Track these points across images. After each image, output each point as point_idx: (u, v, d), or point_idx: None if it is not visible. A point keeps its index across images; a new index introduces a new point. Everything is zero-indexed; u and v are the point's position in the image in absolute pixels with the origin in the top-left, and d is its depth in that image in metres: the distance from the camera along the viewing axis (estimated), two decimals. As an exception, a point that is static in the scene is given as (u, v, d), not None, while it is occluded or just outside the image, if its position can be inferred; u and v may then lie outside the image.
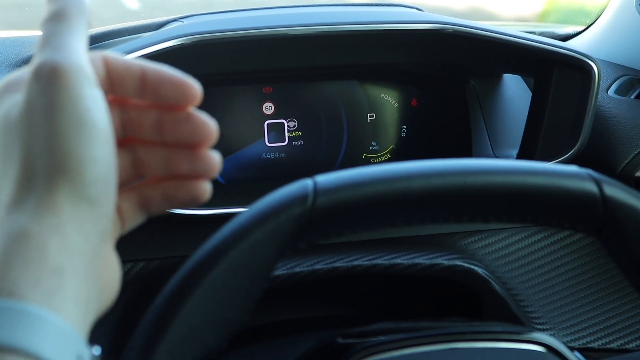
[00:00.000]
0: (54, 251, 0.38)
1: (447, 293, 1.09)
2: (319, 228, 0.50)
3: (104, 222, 0.41)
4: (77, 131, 0.39)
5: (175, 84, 0.46)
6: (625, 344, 1.07)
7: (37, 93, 0.40)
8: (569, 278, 1.05)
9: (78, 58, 0.41)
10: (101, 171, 0.40)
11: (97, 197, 0.40)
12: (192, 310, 0.49)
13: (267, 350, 0.96)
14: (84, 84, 0.40)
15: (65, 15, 0.42)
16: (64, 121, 0.39)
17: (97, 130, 0.40)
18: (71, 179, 0.39)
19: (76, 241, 0.39)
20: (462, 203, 0.52)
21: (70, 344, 0.38)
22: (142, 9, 5.07)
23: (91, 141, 0.40)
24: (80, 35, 0.42)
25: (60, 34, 0.41)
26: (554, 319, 1.05)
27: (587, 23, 1.29)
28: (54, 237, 0.38)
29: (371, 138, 1.12)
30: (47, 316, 0.37)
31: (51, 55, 0.40)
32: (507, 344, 0.57)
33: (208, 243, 0.51)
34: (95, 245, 0.41)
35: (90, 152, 0.40)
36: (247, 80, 1.07)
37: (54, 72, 0.40)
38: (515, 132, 1.07)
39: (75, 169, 0.39)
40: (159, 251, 0.96)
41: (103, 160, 0.40)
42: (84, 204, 0.40)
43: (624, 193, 0.52)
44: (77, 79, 0.40)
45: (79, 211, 0.40)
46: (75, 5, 0.43)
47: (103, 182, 0.41)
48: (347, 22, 0.94)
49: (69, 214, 0.39)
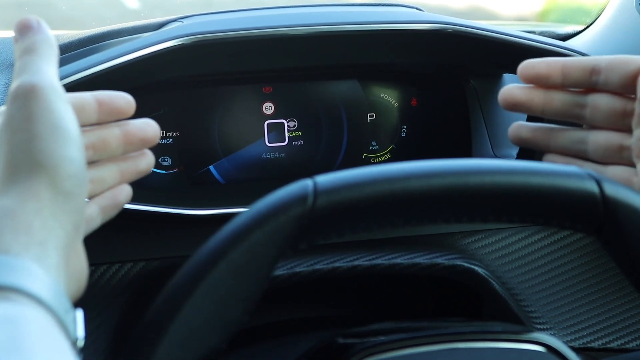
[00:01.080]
0: (37, 228, 0.45)
1: (447, 293, 1.09)
2: (319, 228, 0.50)
3: (77, 214, 0.49)
4: (53, 135, 0.47)
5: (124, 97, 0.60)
6: (625, 343, 1.07)
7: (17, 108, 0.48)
8: (569, 278, 1.05)
9: (51, 79, 0.50)
10: (75, 168, 0.48)
11: (72, 190, 0.48)
12: (192, 310, 0.49)
13: (267, 350, 0.96)
14: (57, 98, 0.49)
15: (36, 48, 0.52)
16: (42, 127, 0.47)
17: (69, 135, 0.48)
18: (49, 174, 0.47)
19: (53, 225, 0.46)
20: (462, 203, 0.52)
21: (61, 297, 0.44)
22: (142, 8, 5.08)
23: (65, 143, 0.48)
24: (51, 62, 0.52)
25: (34, 63, 0.50)
26: (554, 318, 1.05)
27: (587, 22, 1.29)
28: (36, 218, 0.45)
29: (371, 138, 1.12)
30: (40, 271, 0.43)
31: (28, 78, 0.49)
32: (507, 343, 0.57)
33: (208, 243, 0.51)
34: (69, 234, 0.47)
35: (65, 152, 0.48)
36: (247, 80, 1.07)
37: (32, 89, 0.48)
38: (515, 132, 1.07)
39: (53, 165, 0.47)
40: (158, 251, 0.96)
41: (76, 159, 0.48)
42: (61, 195, 0.47)
43: (624, 192, 0.52)
44: (51, 94, 0.49)
45: (56, 201, 0.47)
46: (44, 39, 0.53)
47: (77, 178, 0.48)
48: (347, 22, 0.94)
49: (48, 202, 0.46)
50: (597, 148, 0.64)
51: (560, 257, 1.05)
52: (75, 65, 0.88)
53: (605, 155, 0.64)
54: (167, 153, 1.05)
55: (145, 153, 0.64)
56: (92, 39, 1.06)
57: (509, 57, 1.04)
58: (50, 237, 0.45)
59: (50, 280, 0.43)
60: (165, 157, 1.05)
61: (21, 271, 0.42)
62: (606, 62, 0.62)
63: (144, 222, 0.94)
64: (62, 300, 0.44)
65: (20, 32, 0.53)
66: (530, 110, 0.64)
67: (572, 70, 0.62)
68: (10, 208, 0.45)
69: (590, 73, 0.62)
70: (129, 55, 0.88)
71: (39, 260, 0.44)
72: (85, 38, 1.06)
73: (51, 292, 0.43)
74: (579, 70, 0.62)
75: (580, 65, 0.62)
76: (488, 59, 1.06)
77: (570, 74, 0.63)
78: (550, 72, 0.63)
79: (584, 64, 0.62)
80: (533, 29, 1.24)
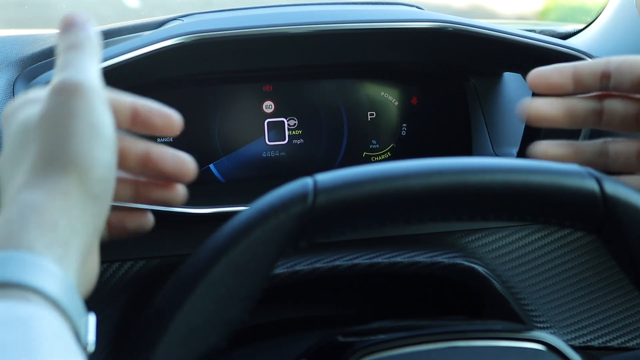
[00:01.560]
0: (63, 227, 0.44)
1: (447, 291, 1.09)
2: (319, 226, 0.50)
3: (100, 219, 0.48)
4: (90, 136, 0.47)
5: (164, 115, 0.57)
6: (626, 342, 1.07)
7: (57, 103, 0.47)
8: (570, 276, 1.05)
9: (94, 79, 0.50)
10: (106, 172, 0.48)
11: (100, 193, 0.47)
12: (192, 309, 0.49)
13: (267, 349, 0.96)
14: (98, 100, 0.49)
15: (81, 45, 0.51)
16: (80, 126, 0.47)
17: (106, 138, 0.48)
18: (82, 174, 0.46)
19: (78, 226, 0.46)
20: (462, 201, 0.52)
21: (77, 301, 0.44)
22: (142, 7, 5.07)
23: (101, 146, 0.47)
24: (95, 61, 0.52)
25: (78, 60, 0.50)
26: (555, 317, 1.05)
27: (587, 21, 1.29)
28: (63, 217, 0.45)
29: (371, 136, 1.12)
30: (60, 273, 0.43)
31: (72, 75, 0.48)
32: (508, 342, 0.57)
33: (208, 242, 0.51)
34: (90, 237, 0.47)
35: (100, 155, 0.47)
36: (247, 78, 1.07)
37: (75, 87, 0.48)
38: (515, 131, 1.07)
39: (87, 166, 0.46)
40: (159, 250, 0.96)
41: (108, 163, 0.48)
42: (89, 197, 0.47)
43: (624, 191, 0.52)
44: (93, 95, 0.48)
45: (84, 203, 0.46)
46: (89, 37, 0.52)
47: (106, 182, 0.48)
48: (347, 21, 0.94)
49: (77, 202, 0.46)
50: (617, 157, 0.64)
51: (560, 256, 1.05)
52: (75, 64, 0.88)
53: (626, 164, 0.64)
54: (167, 152, 1.05)
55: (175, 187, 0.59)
56: (91, 37, 1.06)
57: (509, 56, 1.04)
58: (74, 238, 0.45)
59: (68, 283, 0.43)
60: (165, 156, 1.05)
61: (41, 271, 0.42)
62: (615, 65, 0.61)
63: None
64: (78, 304, 0.44)
65: (65, 28, 0.53)
66: (556, 123, 0.64)
67: (582, 76, 0.62)
68: (38, 203, 0.45)
69: (600, 77, 0.62)
70: (128, 53, 0.88)
71: (60, 260, 0.44)
72: (85, 37, 1.06)
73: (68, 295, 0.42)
74: (590, 75, 0.62)
75: (590, 70, 0.62)
76: (488, 57, 1.06)
77: (581, 80, 0.62)
78: (562, 80, 0.63)
79: (593, 69, 0.62)
80: (533, 27, 1.24)
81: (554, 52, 0.97)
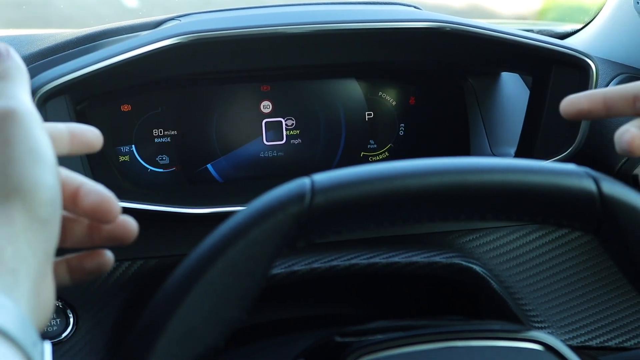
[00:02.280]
0: (9, 256, 0.44)
1: (445, 291, 1.09)
2: (316, 226, 0.50)
3: (50, 243, 0.47)
4: (30, 160, 0.46)
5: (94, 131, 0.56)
6: (623, 342, 1.07)
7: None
8: (568, 276, 1.05)
9: (28, 105, 0.49)
10: (51, 195, 0.47)
11: (47, 217, 0.46)
12: (190, 308, 0.49)
13: (264, 348, 0.96)
14: (34, 124, 0.48)
15: (9, 74, 0.51)
16: (18, 151, 0.46)
17: (46, 160, 0.47)
18: (25, 199, 0.46)
19: (26, 253, 0.45)
20: (460, 201, 0.51)
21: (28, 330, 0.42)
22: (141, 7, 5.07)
23: (42, 169, 0.47)
24: (25, 88, 0.51)
25: (9, 88, 0.49)
26: (552, 317, 1.05)
27: (585, 21, 1.29)
28: (9, 245, 0.44)
29: (369, 136, 1.12)
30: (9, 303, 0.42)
31: (5, 103, 0.48)
32: (505, 342, 0.57)
33: (206, 242, 0.51)
34: (41, 262, 0.46)
35: (42, 178, 0.46)
36: (245, 78, 1.07)
37: (9, 114, 0.47)
38: (513, 131, 1.07)
39: (30, 191, 0.46)
40: (156, 250, 0.96)
41: (51, 185, 0.47)
42: (35, 222, 0.46)
43: (622, 191, 0.52)
44: (28, 120, 0.48)
45: (31, 228, 0.46)
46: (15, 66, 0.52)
47: (52, 205, 0.47)
48: (345, 21, 0.94)
49: (22, 228, 0.45)
50: None
51: (558, 256, 1.05)
52: (73, 64, 0.88)
53: None
54: (164, 151, 1.05)
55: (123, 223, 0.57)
56: (90, 37, 1.06)
57: (507, 56, 1.04)
58: (22, 265, 0.44)
59: (18, 312, 0.42)
60: (163, 156, 1.05)
61: None
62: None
63: (141, 220, 0.93)
64: (30, 333, 0.42)
65: None
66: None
67: (614, 102, 0.62)
68: None
69: (633, 101, 0.61)
70: (126, 53, 0.87)
71: (9, 289, 0.43)
72: (83, 36, 1.06)
73: (18, 325, 0.41)
74: (621, 101, 0.61)
75: (621, 96, 0.61)
76: (486, 57, 1.06)
77: (613, 106, 0.62)
78: (592, 107, 0.62)
79: (624, 94, 0.61)
80: (531, 27, 1.24)
81: (552, 51, 0.97)
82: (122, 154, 1.04)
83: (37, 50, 1.03)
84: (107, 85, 0.96)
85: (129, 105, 1.04)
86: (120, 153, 1.04)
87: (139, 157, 1.05)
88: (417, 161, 0.51)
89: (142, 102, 1.04)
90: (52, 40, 1.05)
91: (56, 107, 0.88)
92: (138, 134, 1.04)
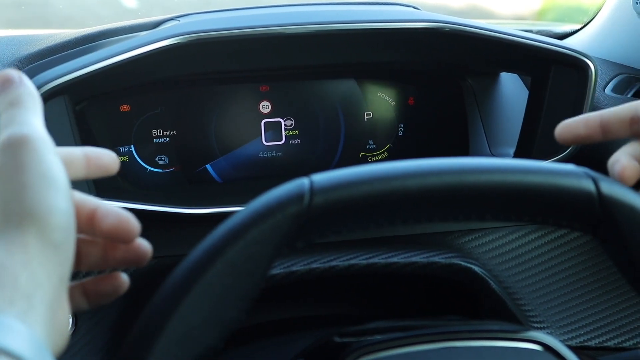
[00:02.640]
0: (24, 281, 0.44)
1: (444, 292, 1.09)
2: (315, 227, 0.50)
3: (65, 267, 0.47)
4: (43, 185, 0.47)
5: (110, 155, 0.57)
6: (622, 342, 1.07)
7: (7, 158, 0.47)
8: (567, 276, 1.05)
9: (41, 131, 0.49)
10: (64, 220, 0.47)
11: (61, 242, 0.47)
12: (189, 309, 0.49)
13: (263, 349, 0.96)
14: (46, 150, 0.48)
15: (21, 101, 0.51)
16: (32, 177, 0.46)
17: (59, 185, 0.48)
18: (39, 224, 0.46)
19: (41, 278, 0.45)
20: (459, 202, 0.52)
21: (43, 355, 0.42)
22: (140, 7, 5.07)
23: (55, 194, 0.47)
24: (38, 114, 0.51)
25: (22, 115, 0.50)
26: (551, 317, 1.05)
27: (584, 21, 1.29)
28: (23, 271, 0.44)
29: (368, 137, 1.12)
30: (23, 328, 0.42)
31: (19, 129, 0.48)
32: (504, 342, 0.57)
33: (205, 242, 0.51)
34: (56, 287, 0.46)
35: (55, 203, 0.47)
36: (244, 79, 1.07)
37: (21, 140, 0.48)
38: (512, 131, 1.07)
39: (43, 216, 0.46)
40: (155, 250, 0.95)
41: (65, 210, 0.47)
42: (49, 247, 0.46)
43: (620, 191, 0.52)
44: (41, 146, 0.48)
45: (45, 253, 0.46)
46: (28, 92, 0.52)
47: (66, 229, 0.47)
48: (344, 21, 0.94)
49: (37, 253, 0.45)
50: None
51: (557, 256, 1.05)
52: (72, 64, 0.88)
53: None
54: (164, 152, 1.05)
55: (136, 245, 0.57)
56: (89, 37, 1.06)
57: (506, 56, 1.04)
58: (37, 290, 0.44)
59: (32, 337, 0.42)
60: (162, 156, 1.05)
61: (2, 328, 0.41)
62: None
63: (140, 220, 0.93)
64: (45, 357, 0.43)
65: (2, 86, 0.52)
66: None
67: (611, 125, 0.61)
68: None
69: (629, 124, 0.61)
70: (125, 54, 0.87)
71: (25, 314, 0.43)
72: (82, 37, 1.06)
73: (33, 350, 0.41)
74: (618, 123, 0.61)
75: (618, 118, 0.61)
76: (485, 57, 1.06)
77: (610, 130, 0.61)
78: (589, 132, 0.62)
79: (621, 117, 0.61)
80: (530, 27, 1.25)
81: (551, 52, 0.97)
82: (121, 154, 1.04)
83: (36, 51, 1.03)
84: (106, 86, 0.96)
85: (128, 105, 1.04)
86: (119, 153, 1.04)
87: (138, 157, 1.05)
88: (416, 161, 0.51)
89: (141, 103, 1.04)
90: (52, 41, 1.05)
91: (55, 107, 0.88)
92: (137, 134, 1.04)
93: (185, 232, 0.96)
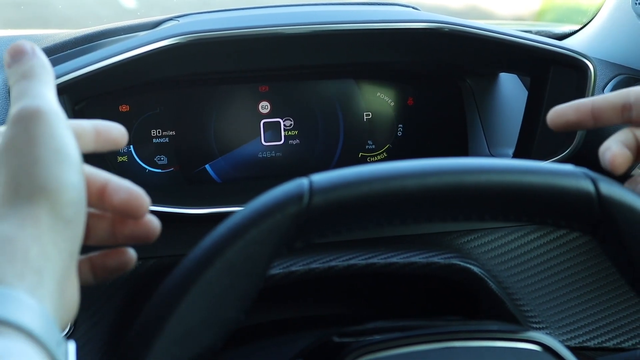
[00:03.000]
0: (34, 255, 0.44)
1: (444, 292, 1.09)
2: (314, 227, 0.50)
3: (75, 243, 0.47)
4: (55, 160, 0.46)
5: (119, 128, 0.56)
6: (621, 342, 1.07)
7: (18, 132, 0.47)
8: (566, 277, 1.05)
9: (53, 104, 0.49)
10: (76, 195, 0.47)
11: (72, 217, 0.47)
12: (188, 309, 0.49)
13: (263, 349, 0.96)
14: (59, 123, 0.48)
15: (34, 72, 0.50)
16: (44, 151, 0.46)
17: (71, 160, 0.47)
18: (50, 199, 0.45)
19: (51, 253, 0.45)
20: (458, 202, 0.52)
21: (53, 330, 0.42)
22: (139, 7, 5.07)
23: (67, 168, 0.47)
24: (51, 87, 0.50)
25: (35, 87, 0.49)
26: (550, 317, 1.05)
27: (583, 22, 1.29)
28: (34, 245, 0.44)
29: (367, 137, 1.12)
30: (33, 302, 0.42)
31: (31, 102, 0.48)
32: (503, 342, 0.57)
33: (204, 242, 0.51)
34: (65, 262, 0.46)
35: (67, 178, 0.46)
36: (243, 79, 1.07)
37: (35, 113, 0.47)
38: (511, 131, 1.07)
39: (55, 191, 0.46)
40: (154, 250, 0.96)
41: (77, 185, 0.47)
42: (61, 222, 0.46)
43: (620, 191, 0.52)
44: (54, 119, 0.47)
45: (56, 228, 0.46)
46: (41, 64, 0.51)
47: (77, 205, 0.47)
48: (344, 21, 0.94)
49: (48, 228, 0.45)
50: None
51: (556, 257, 1.05)
52: (71, 64, 0.88)
53: None
54: (163, 152, 1.05)
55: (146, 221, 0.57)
56: (88, 37, 1.06)
57: (505, 57, 1.04)
58: (47, 265, 0.44)
59: (42, 312, 0.42)
60: (161, 156, 1.05)
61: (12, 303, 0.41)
62: (635, 97, 0.61)
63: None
64: (54, 333, 0.43)
65: (14, 57, 0.52)
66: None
67: (602, 112, 0.61)
68: (9, 234, 0.44)
69: (621, 111, 0.61)
70: (124, 54, 0.87)
71: (34, 289, 0.43)
72: (81, 37, 1.06)
73: (43, 325, 0.42)
74: (609, 110, 0.61)
75: (610, 105, 0.61)
76: (484, 58, 1.06)
77: (601, 116, 0.62)
78: (580, 117, 0.62)
79: (613, 103, 0.61)
80: (530, 28, 1.24)
81: (551, 52, 0.97)
82: (120, 154, 1.04)
83: (35, 51, 1.03)
84: (105, 86, 0.96)
85: (127, 105, 1.04)
86: (118, 153, 1.04)
87: (137, 157, 1.05)
88: (416, 162, 0.51)
89: (141, 103, 1.04)
90: (51, 41, 1.05)
91: (54, 107, 0.88)
92: (136, 135, 1.04)
93: (184, 232, 0.95)
